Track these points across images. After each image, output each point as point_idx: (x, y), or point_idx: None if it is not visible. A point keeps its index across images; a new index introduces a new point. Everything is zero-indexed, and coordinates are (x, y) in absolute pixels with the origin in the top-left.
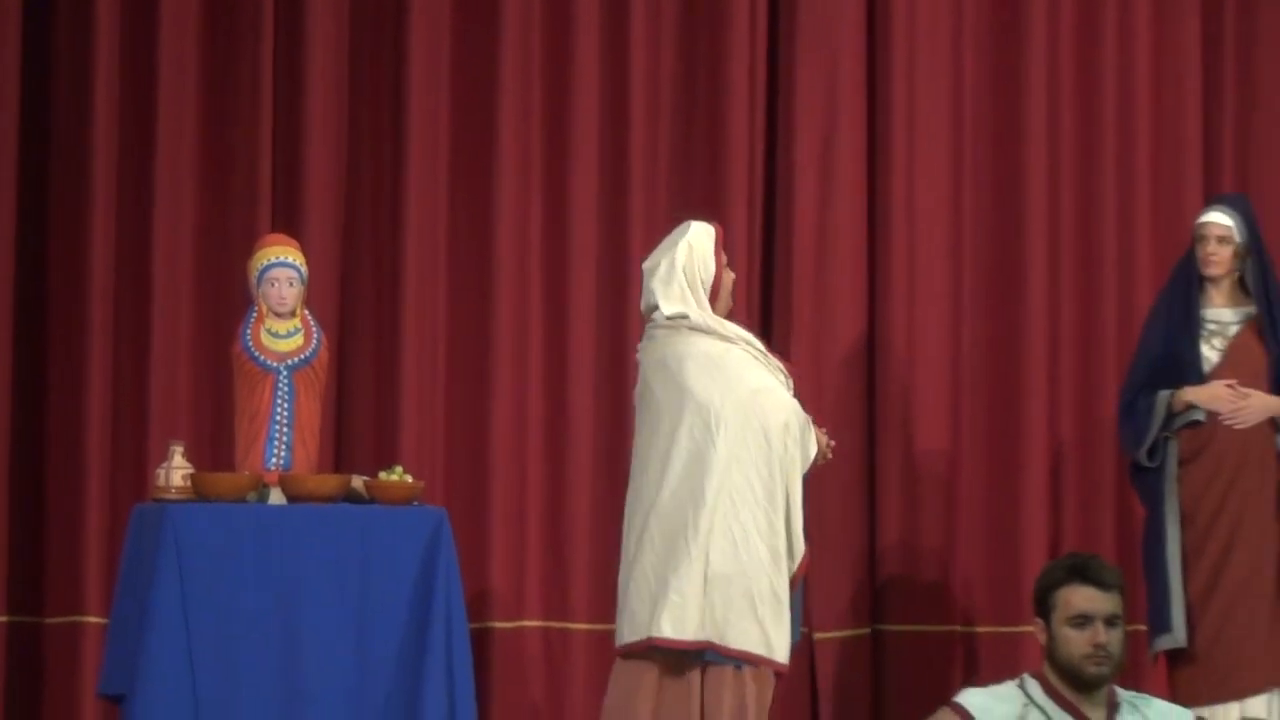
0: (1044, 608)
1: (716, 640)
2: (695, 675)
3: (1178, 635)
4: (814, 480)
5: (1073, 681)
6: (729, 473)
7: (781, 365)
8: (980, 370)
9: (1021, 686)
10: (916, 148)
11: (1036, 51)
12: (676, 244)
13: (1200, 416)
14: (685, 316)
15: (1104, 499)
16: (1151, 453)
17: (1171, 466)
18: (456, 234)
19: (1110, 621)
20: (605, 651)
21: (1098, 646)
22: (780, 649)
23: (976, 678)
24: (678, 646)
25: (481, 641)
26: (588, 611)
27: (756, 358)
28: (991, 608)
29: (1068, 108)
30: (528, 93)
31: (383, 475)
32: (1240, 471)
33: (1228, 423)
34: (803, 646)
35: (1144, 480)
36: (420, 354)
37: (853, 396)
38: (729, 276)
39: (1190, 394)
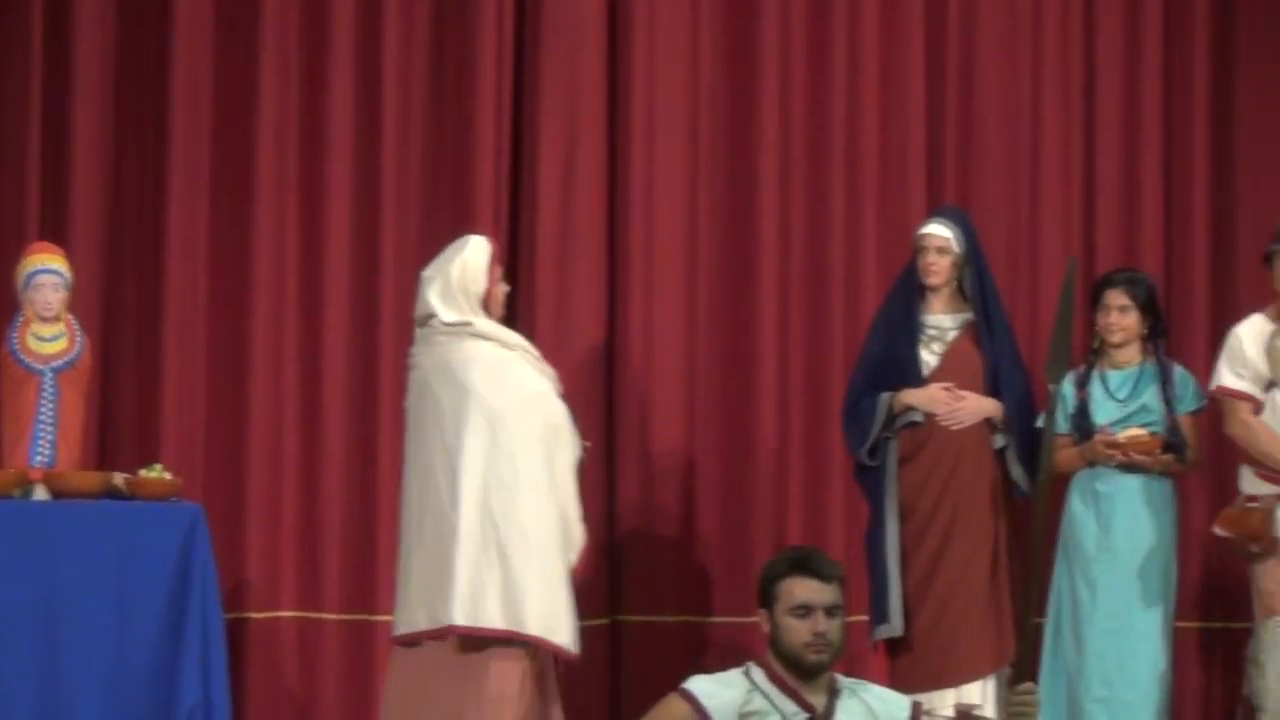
0: (767, 598)
1: (503, 626)
2: (479, 661)
3: (895, 625)
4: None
5: (795, 669)
6: (511, 469)
7: (554, 373)
8: (714, 372)
9: (747, 674)
10: (655, 157)
11: (769, 64)
12: (453, 258)
13: (919, 418)
14: (469, 324)
15: (831, 495)
16: (873, 451)
17: (892, 465)
18: (216, 240)
19: (830, 612)
20: (356, 640)
21: (818, 635)
22: (564, 633)
23: (709, 666)
24: (463, 633)
25: (238, 631)
26: (339, 602)
27: (534, 364)
28: (724, 599)
29: (799, 120)
30: (284, 102)
31: (143, 473)
32: (957, 470)
33: (944, 423)
34: None
35: (867, 477)
36: (180, 356)
37: (593, 397)
38: (501, 289)
39: (909, 396)
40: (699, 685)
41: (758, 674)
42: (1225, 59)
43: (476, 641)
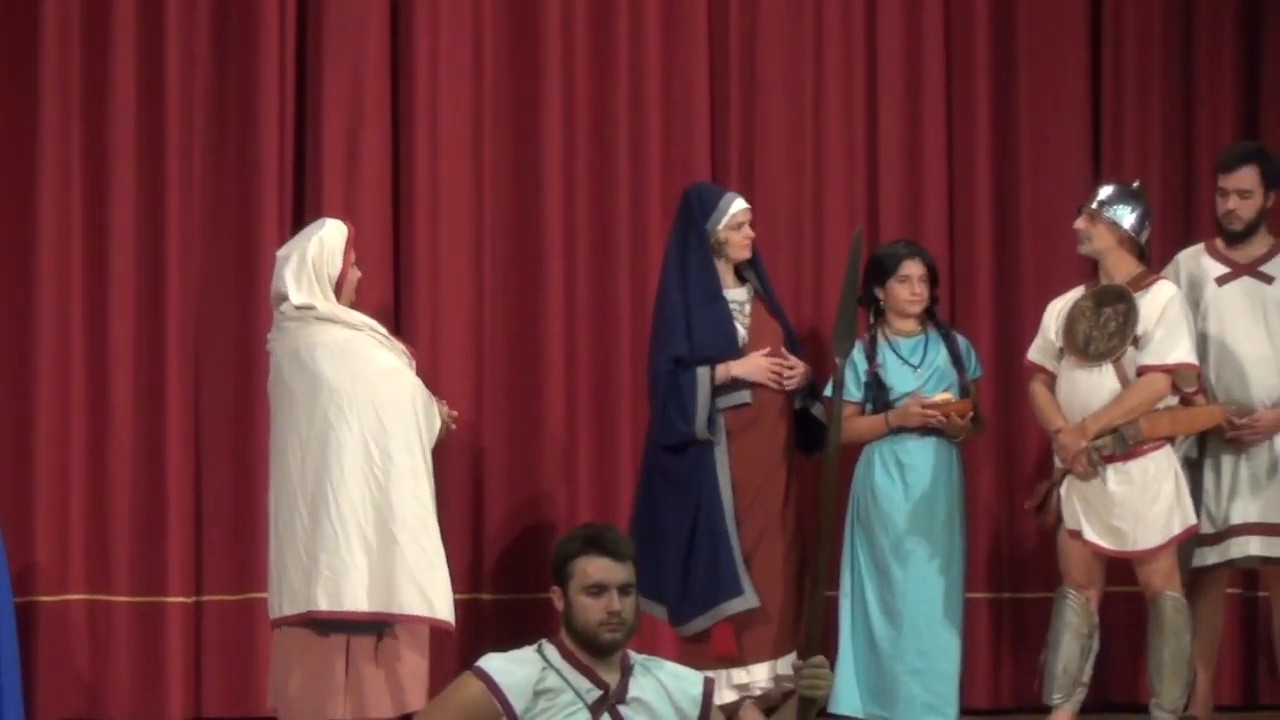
0: (561, 576)
1: (380, 608)
2: (360, 643)
3: (749, 598)
4: None
5: (588, 646)
6: (366, 450)
7: (405, 348)
8: (501, 352)
9: (540, 651)
10: (439, 140)
11: (552, 44)
12: (310, 238)
13: (746, 394)
14: (312, 307)
15: (620, 473)
16: (707, 426)
17: (722, 440)
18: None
19: (624, 589)
20: (147, 622)
21: (612, 614)
22: (443, 609)
23: (499, 645)
24: (338, 617)
25: (28, 615)
26: (129, 584)
27: (382, 342)
28: (515, 577)
29: (582, 98)
30: (67, 94)
31: None
32: (780, 446)
33: (785, 385)
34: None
35: (690, 455)
36: None
37: None
38: (354, 274)
39: (734, 368)
40: (493, 663)
41: (551, 651)
42: (1006, 29)
43: (336, 623)
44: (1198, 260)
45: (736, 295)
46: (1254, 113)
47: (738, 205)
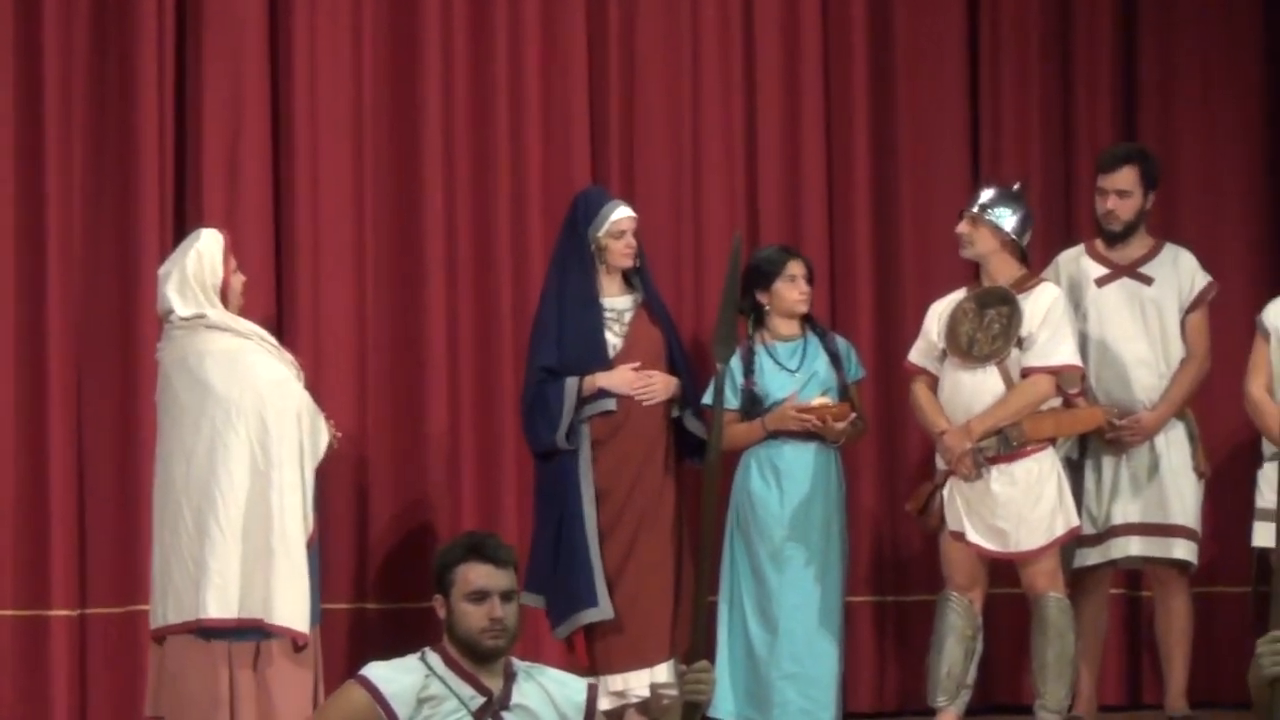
0: (444, 584)
1: (263, 617)
2: (242, 649)
3: (604, 609)
4: None
5: (471, 654)
6: (253, 458)
7: (294, 359)
8: (384, 357)
9: (424, 659)
10: (320, 144)
11: (431, 45)
12: (187, 252)
13: (611, 405)
14: (203, 316)
15: (504, 478)
16: (567, 436)
17: (585, 449)
18: None
19: (506, 596)
20: (29, 636)
21: (494, 620)
22: (301, 621)
23: (383, 653)
24: (224, 625)
25: None
26: (12, 599)
27: (271, 352)
28: (398, 585)
29: (462, 102)
30: None
31: None
32: (651, 452)
33: (640, 398)
34: None
35: (556, 464)
36: None
37: None
38: (238, 279)
39: (601, 379)
40: (376, 671)
41: (434, 659)
42: (884, 30)
43: (221, 632)
44: (1078, 261)
45: (617, 303)
46: (1132, 111)
47: (619, 213)
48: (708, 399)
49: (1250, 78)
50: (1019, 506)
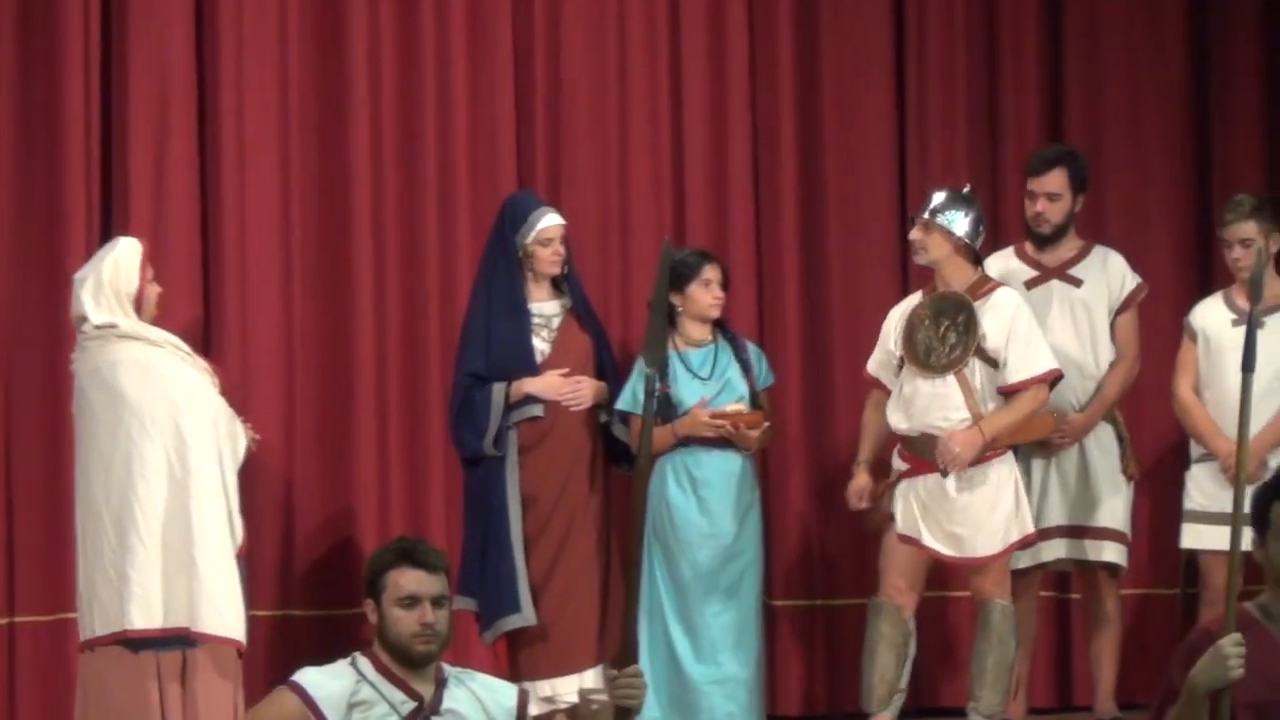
0: (375, 589)
1: (189, 625)
2: (169, 659)
3: (527, 615)
4: None
5: (402, 659)
6: (169, 467)
7: (209, 365)
8: (311, 361)
9: (354, 664)
10: (246, 147)
11: (358, 46)
12: (104, 259)
13: (539, 411)
14: (114, 325)
15: (432, 484)
16: (495, 442)
17: (513, 455)
18: None
19: (437, 602)
20: None
21: (425, 626)
22: (236, 627)
23: (311, 660)
24: (149, 635)
25: None
26: None
27: (184, 359)
28: (327, 591)
29: (389, 105)
30: None
31: None
32: (579, 459)
33: (567, 404)
34: None
35: (483, 469)
36: None
37: None
38: (153, 290)
39: (528, 385)
40: (307, 677)
41: (364, 664)
42: (810, 33)
43: (147, 642)
44: (1007, 264)
45: (545, 309)
46: (1059, 111)
47: (547, 220)
48: (621, 405)
49: (1175, 76)
50: (977, 512)
